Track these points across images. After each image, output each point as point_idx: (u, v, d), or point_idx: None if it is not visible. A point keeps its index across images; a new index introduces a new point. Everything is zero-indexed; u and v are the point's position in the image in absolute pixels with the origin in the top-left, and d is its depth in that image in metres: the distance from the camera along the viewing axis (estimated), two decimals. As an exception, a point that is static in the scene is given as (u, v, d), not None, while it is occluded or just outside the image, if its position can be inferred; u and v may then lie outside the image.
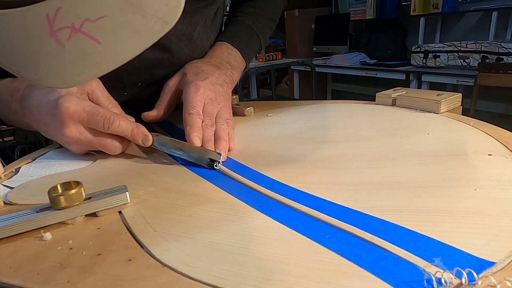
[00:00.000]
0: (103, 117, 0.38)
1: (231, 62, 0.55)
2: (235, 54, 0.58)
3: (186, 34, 0.54)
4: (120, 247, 0.24)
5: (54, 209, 0.27)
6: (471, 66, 2.07)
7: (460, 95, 0.51)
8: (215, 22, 0.61)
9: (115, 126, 0.38)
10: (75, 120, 0.38)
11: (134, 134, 0.39)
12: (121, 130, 0.39)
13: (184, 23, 0.53)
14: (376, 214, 0.26)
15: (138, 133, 0.39)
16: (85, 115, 0.38)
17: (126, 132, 0.39)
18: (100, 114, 0.38)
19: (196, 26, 0.55)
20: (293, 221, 0.26)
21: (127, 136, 0.39)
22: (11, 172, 0.40)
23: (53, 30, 0.23)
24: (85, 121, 0.38)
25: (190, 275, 0.21)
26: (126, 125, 0.39)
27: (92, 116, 0.38)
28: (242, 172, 0.35)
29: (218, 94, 0.46)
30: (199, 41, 0.57)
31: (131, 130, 0.39)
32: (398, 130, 0.44)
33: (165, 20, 0.24)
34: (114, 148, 0.40)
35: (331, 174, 0.34)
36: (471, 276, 0.18)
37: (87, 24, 0.23)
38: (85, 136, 0.39)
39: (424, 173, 0.32)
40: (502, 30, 2.24)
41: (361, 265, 0.21)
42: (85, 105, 0.38)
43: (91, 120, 0.38)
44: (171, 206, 0.30)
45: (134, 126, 0.40)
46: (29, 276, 0.22)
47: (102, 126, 0.38)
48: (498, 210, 0.25)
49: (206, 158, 0.37)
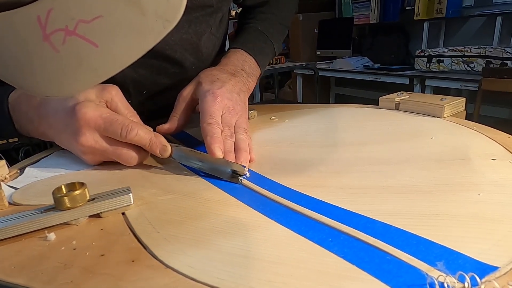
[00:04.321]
0: (120, 124, 0.36)
1: (246, 70, 0.53)
2: (250, 61, 0.56)
3: (191, 43, 0.54)
4: (123, 248, 0.25)
5: (58, 210, 0.27)
6: (475, 71, 2.07)
7: (463, 99, 0.50)
8: (220, 30, 0.61)
9: (133, 135, 0.36)
10: (91, 127, 0.37)
11: (152, 144, 0.37)
12: (139, 139, 0.37)
13: (189, 32, 0.53)
14: (379, 217, 0.26)
15: (156, 143, 0.37)
16: (102, 122, 0.36)
17: (144, 141, 0.37)
18: (118, 121, 0.37)
19: (201, 35, 0.55)
20: (295, 223, 0.26)
21: (144, 146, 0.38)
22: (16, 173, 0.40)
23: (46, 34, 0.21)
24: (101, 128, 0.37)
25: (193, 276, 0.21)
26: (144, 134, 0.37)
27: (109, 123, 0.37)
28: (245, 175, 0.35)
29: (235, 103, 0.44)
30: (205, 50, 0.56)
31: (150, 140, 0.37)
32: (402, 135, 0.44)
33: (166, 19, 0.22)
34: (130, 158, 0.38)
35: (334, 178, 0.34)
36: (474, 280, 0.18)
37: (82, 25, 0.22)
38: (100, 145, 0.37)
39: (427, 177, 0.32)
40: (507, 35, 2.24)
41: (363, 269, 0.21)
42: (102, 112, 0.37)
43: (108, 127, 0.37)
44: (174, 208, 0.30)
45: (152, 135, 0.38)
46: (33, 276, 0.22)
47: (119, 134, 0.36)
48: (501, 214, 0.25)
49: (229, 170, 0.35)
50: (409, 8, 2.58)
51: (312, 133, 0.47)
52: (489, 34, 2.28)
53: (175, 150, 0.38)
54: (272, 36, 0.62)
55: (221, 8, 0.57)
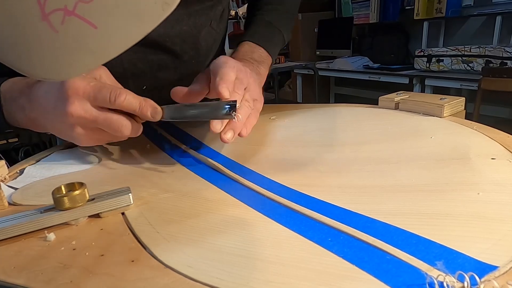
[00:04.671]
0: (109, 90, 0.36)
1: (255, 58, 0.54)
2: (258, 50, 0.56)
3: (191, 36, 0.54)
4: (123, 248, 0.25)
5: (58, 210, 0.27)
6: (474, 70, 2.07)
7: (463, 99, 0.50)
8: (221, 26, 0.61)
9: (122, 99, 0.36)
10: (79, 96, 0.36)
11: (142, 107, 0.37)
12: (128, 103, 0.36)
13: (189, 24, 0.53)
14: (378, 217, 0.26)
15: (146, 106, 0.37)
16: (91, 89, 0.36)
17: (134, 105, 0.36)
18: (106, 87, 0.36)
19: (201, 29, 0.55)
20: (295, 223, 0.26)
21: (135, 111, 0.37)
22: (16, 173, 0.40)
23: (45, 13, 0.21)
24: (91, 96, 0.36)
25: (192, 276, 0.21)
26: (133, 98, 0.36)
27: (98, 90, 0.36)
28: (244, 174, 0.35)
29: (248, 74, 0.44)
30: (204, 43, 0.57)
31: (139, 103, 0.37)
32: (401, 134, 0.44)
33: (165, 1, 0.22)
34: (121, 126, 0.37)
35: (333, 177, 0.34)
36: (473, 280, 0.18)
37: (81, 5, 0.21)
38: (90, 114, 0.36)
39: (427, 176, 0.32)
40: (506, 35, 2.24)
41: (363, 268, 0.21)
42: (90, 81, 0.36)
43: (97, 94, 0.36)
44: (174, 208, 0.30)
45: (142, 99, 0.37)
46: (32, 276, 0.22)
47: (108, 100, 0.36)
48: (501, 214, 0.25)
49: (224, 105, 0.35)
50: (409, 7, 2.58)
51: (312, 133, 0.47)
52: (488, 34, 2.28)
53: (166, 110, 0.37)
54: (280, 25, 0.62)
55: (221, 2, 0.57)
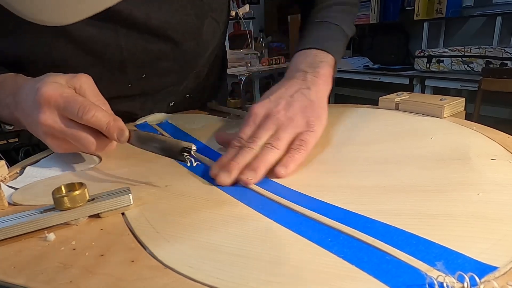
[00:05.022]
0: (78, 104, 0.35)
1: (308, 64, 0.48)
2: (310, 54, 0.50)
3: (192, 25, 0.54)
4: (123, 248, 0.25)
5: (58, 210, 0.27)
6: (475, 71, 2.07)
7: (463, 99, 0.50)
8: (222, 18, 0.61)
9: (90, 116, 0.34)
10: (50, 106, 0.35)
11: (110, 127, 0.35)
12: (96, 120, 0.35)
13: (191, 14, 0.53)
14: (378, 217, 0.26)
15: (114, 127, 0.35)
16: (62, 101, 0.35)
17: (101, 123, 0.35)
18: (77, 101, 0.35)
19: (203, 19, 0.55)
20: (295, 223, 0.26)
21: (102, 129, 0.35)
22: (16, 173, 0.40)
23: None
24: (61, 107, 0.35)
25: (192, 276, 0.21)
26: (102, 116, 0.35)
27: (68, 102, 0.35)
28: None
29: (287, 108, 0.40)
30: (205, 35, 0.57)
31: (107, 123, 0.35)
32: (401, 134, 0.44)
33: None
34: (88, 143, 0.36)
35: (333, 177, 0.34)
36: (473, 280, 0.18)
37: None
38: (59, 125, 0.35)
39: (427, 177, 0.32)
40: (506, 35, 2.24)
41: (363, 268, 0.21)
42: (64, 92, 0.35)
43: (66, 106, 0.35)
44: (173, 208, 0.30)
45: (111, 119, 0.35)
46: (32, 276, 0.22)
47: (76, 114, 0.35)
48: (501, 214, 0.25)
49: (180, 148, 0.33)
50: (409, 8, 2.58)
51: (311, 133, 0.47)
52: (489, 34, 2.28)
53: (134, 135, 0.36)
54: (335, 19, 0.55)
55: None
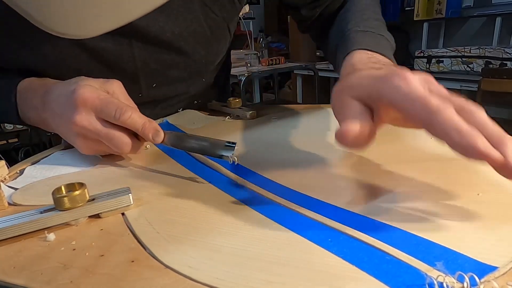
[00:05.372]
0: (115, 106, 0.37)
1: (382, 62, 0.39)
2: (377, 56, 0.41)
3: (204, 36, 0.54)
4: (123, 248, 0.25)
5: (58, 210, 0.27)
6: (474, 71, 2.07)
7: (463, 100, 0.50)
8: (232, 28, 0.61)
9: (127, 117, 0.36)
10: (87, 107, 0.37)
11: (145, 128, 0.37)
12: (132, 122, 0.37)
13: (204, 26, 0.53)
14: (378, 217, 0.26)
15: (149, 128, 0.37)
16: (99, 103, 0.37)
17: (137, 124, 0.37)
18: (114, 103, 0.37)
19: (215, 29, 0.55)
20: (295, 224, 0.26)
21: (137, 130, 0.37)
22: (16, 173, 0.40)
23: None
24: (98, 109, 0.37)
25: (192, 277, 0.21)
26: (138, 118, 0.37)
27: (105, 104, 0.37)
28: (244, 175, 0.35)
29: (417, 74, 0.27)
30: (216, 45, 0.57)
31: (143, 124, 0.37)
32: (401, 135, 0.44)
33: None
34: (122, 143, 0.37)
35: (333, 178, 0.34)
36: (473, 280, 0.18)
37: None
38: (94, 126, 0.37)
39: (427, 177, 0.32)
40: (506, 36, 2.24)
41: (363, 269, 0.21)
42: (100, 94, 0.37)
43: (103, 108, 0.36)
44: (174, 208, 0.30)
45: (146, 120, 0.38)
46: (32, 276, 0.22)
47: (113, 116, 0.36)
48: (501, 214, 0.25)
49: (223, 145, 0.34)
50: (409, 8, 2.58)
51: (311, 133, 0.47)
52: (488, 35, 2.28)
53: (168, 136, 0.38)
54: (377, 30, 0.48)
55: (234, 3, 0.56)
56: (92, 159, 0.43)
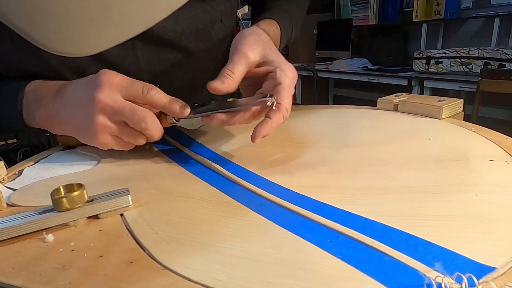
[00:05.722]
0: (142, 84, 0.38)
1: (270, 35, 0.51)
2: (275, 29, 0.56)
3: (205, 33, 0.55)
4: (122, 249, 0.25)
5: (56, 211, 0.27)
6: (473, 72, 2.07)
7: (461, 101, 0.51)
8: (231, 22, 0.61)
9: (154, 93, 0.38)
10: (113, 86, 0.37)
11: (172, 103, 0.39)
12: (158, 98, 0.38)
13: (204, 22, 0.54)
14: (377, 218, 0.26)
15: (176, 103, 0.39)
16: (125, 82, 0.38)
17: (163, 100, 0.38)
18: (139, 82, 0.38)
19: (214, 25, 0.56)
20: (294, 225, 0.26)
21: (164, 105, 0.38)
22: (14, 174, 0.40)
23: None
24: (123, 88, 0.37)
25: (191, 277, 0.21)
26: (163, 95, 0.39)
27: (131, 83, 0.38)
28: (244, 175, 0.35)
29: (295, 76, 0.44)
30: (216, 40, 0.57)
31: (169, 100, 0.39)
32: (400, 136, 0.44)
33: None
34: (147, 117, 0.38)
35: (333, 179, 0.34)
36: (471, 281, 0.18)
37: None
38: (118, 103, 0.37)
39: (425, 178, 0.32)
40: (505, 37, 2.24)
41: (361, 270, 0.21)
42: (125, 77, 0.38)
43: (130, 87, 0.37)
44: (172, 209, 0.30)
45: (171, 97, 0.39)
46: (31, 277, 0.22)
47: (141, 92, 0.37)
48: (499, 215, 0.25)
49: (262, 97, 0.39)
50: (408, 9, 2.59)
51: (310, 134, 0.47)
52: (487, 36, 2.29)
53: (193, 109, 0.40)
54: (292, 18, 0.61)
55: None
56: (91, 160, 0.43)
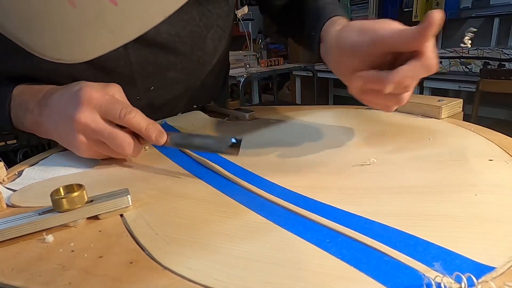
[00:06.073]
0: (121, 105, 0.37)
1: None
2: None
3: (200, 36, 0.54)
4: (122, 249, 0.25)
5: (56, 212, 0.27)
6: (473, 72, 2.07)
7: (461, 101, 0.51)
8: (227, 25, 0.61)
9: (132, 116, 0.37)
10: (91, 106, 0.37)
11: (149, 128, 0.37)
12: (136, 122, 0.37)
13: (200, 25, 0.53)
14: (376, 218, 0.26)
15: (153, 128, 0.38)
16: (104, 102, 0.37)
17: (141, 124, 0.37)
18: (119, 103, 0.37)
19: (210, 28, 0.55)
20: (294, 225, 0.26)
21: (141, 130, 0.37)
22: (14, 175, 0.40)
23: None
24: (102, 108, 0.37)
25: (191, 278, 0.21)
26: (142, 119, 0.37)
27: (111, 103, 0.37)
28: (243, 176, 0.35)
29: None
30: (211, 43, 0.57)
31: (147, 124, 0.37)
32: (399, 136, 0.44)
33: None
34: (124, 143, 0.37)
35: (332, 179, 0.34)
36: (471, 280, 0.18)
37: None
38: (96, 125, 0.37)
39: (425, 178, 0.32)
40: (504, 37, 2.24)
41: (361, 270, 0.21)
42: (106, 93, 0.37)
43: (109, 107, 0.37)
44: (172, 209, 0.30)
45: (150, 121, 0.38)
46: (31, 278, 0.22)
47: (118, 114, 0.36)
48: (498, 215, 0.25)
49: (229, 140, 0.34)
50: (407, 9, 2.59)
51: (310, 135, 0.47)
52: (486, 36, 2.29)
53: (170, 136, 0.38)
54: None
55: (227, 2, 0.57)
56: (90, 160, 0.42)
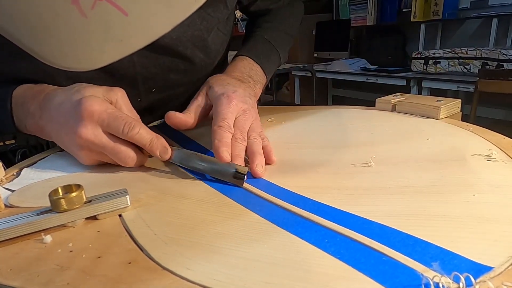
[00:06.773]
0: (124, 121, 0.36)
1: (253, 77, 0.55)
2: (256, 68, 0.57)
3: (202, 39, 0.54)
4: (120, 250, 0.25)
5: (54, 212, 0.27)
6: (471, 72, 2.08)
7: (459, 101, 0.51)
8: (227, 27, 0.61)
9: (135, 132, 0.36)
10: (94, 121, 0.36)
11: (153, 144, 0.37)
12: (140, 137, 0.36)
13: (201, 28, 0.53)
14: (375, 218, 0.26)
15: (157, 144, 0.37)
16: (106, 117, 0.36)
17: (145, 140, 0.37)
18: (121, 118, 0.36)
19: (210, 31, 0.55)
20: (293, 225, 0.26)
21: (145, 146, 0.37)
22: (12, 175, 0.40)
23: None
24: (105, 123, 0.36)
25: (190, 278, 0.21)
26: (146, 133, 0.37)
27: (113, 118, 0.36)
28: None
29: (249, 106, 0.44)
30: (213, 46, 0.57)
31: (151, 140, 0.37)
32: (398, 136, 0.44)
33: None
34: (128, 158, 0.37)
35: (330, 179, 0.34)
36: (469, 280, 0.19)
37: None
38: (99, 140, 0.36)
39: (423, 178, 0.32)
40: (502, 37, 2.25)
41: (359, 269, 0.21)
42: (108, 107, 0.37)
43: (111, 122, 0.36)
44: (171, 210, 0.30)
45: (154, 136, 0.37)
46: (29, 278, 0.22)
47: (121, 130, 0.36)
48: (496, 215, 0.25)
49: (233, 170, 0.33)
50: (406, 10, 2.60)
51: (309, 135, 0.47)
52: (485, 36, 2.30)
53: (175, 153, 0.38)
54: (278, 45, 0.63)
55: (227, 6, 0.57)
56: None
